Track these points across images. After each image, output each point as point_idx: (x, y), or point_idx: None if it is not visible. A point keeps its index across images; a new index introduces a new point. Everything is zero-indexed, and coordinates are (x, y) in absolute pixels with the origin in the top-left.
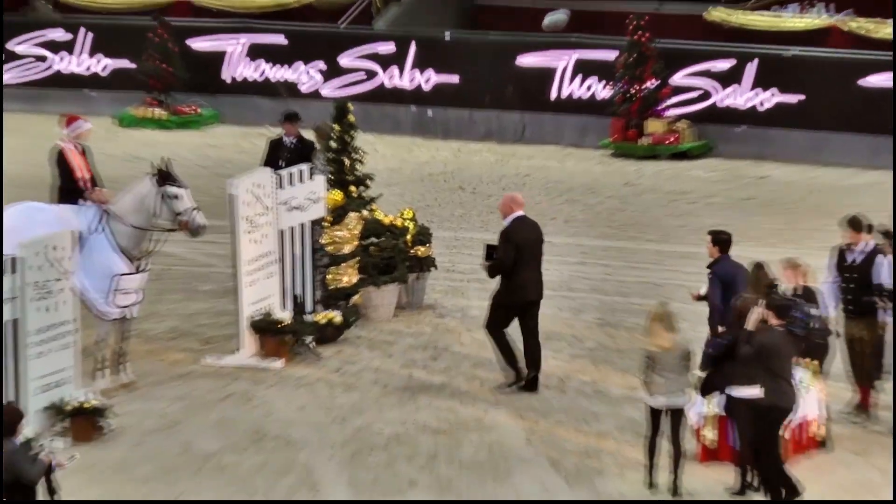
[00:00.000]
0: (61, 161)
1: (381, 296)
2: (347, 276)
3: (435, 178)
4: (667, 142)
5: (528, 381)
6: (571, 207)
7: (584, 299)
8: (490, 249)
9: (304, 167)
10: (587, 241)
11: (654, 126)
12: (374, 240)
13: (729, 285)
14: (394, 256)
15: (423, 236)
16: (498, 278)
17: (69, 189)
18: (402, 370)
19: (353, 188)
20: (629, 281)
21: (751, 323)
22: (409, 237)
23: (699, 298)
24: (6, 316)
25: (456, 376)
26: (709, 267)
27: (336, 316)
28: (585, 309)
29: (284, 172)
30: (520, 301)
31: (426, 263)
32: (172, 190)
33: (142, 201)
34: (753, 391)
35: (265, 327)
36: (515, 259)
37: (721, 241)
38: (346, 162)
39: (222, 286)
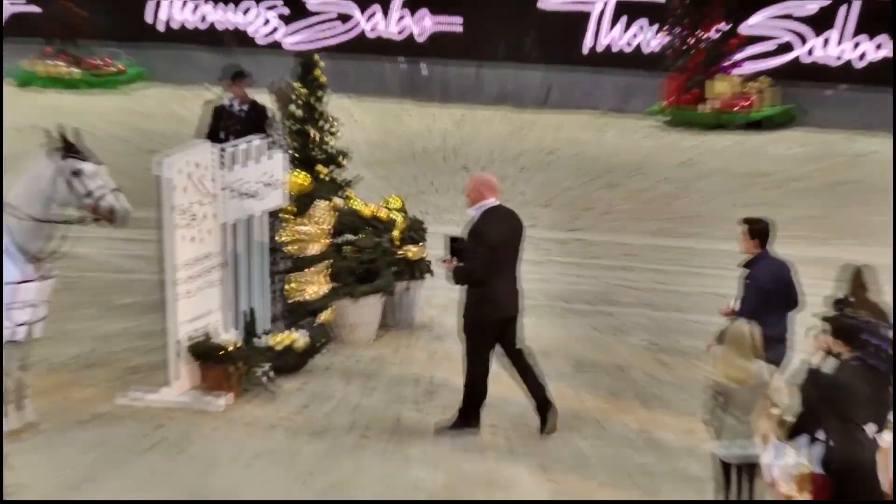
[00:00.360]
0: None
1: (360, 312)
2: (314, 285)
3: (431, 155)
4: (737, 107)
5: (544, 418)
6: (611, 194)
7: (628, 316)
8: (455, 243)
9: (258, 141)
10: (632, 238)
11: (720, 87)
12: (349, 237)
13: (770, 293)
14: (376, 259)
15: (416, 233)
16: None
17: None
18: (388, 410)
19: (322, 168)
20: (687, 291)
21: (814, 353)
22: (396, 234)
23: (732, 314)
24: None
25: None
26: (744, 267)
27: (299, 338)
28: (630, 329)
29: (232, 148)
30: (496, 318)
31: (419, 269)
32: (79, 164)
33: (38, 183)
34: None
35: (205, 353)
36: (491, 262)
37: (760, 231)
38: (314, 134)
39: (149, 299)
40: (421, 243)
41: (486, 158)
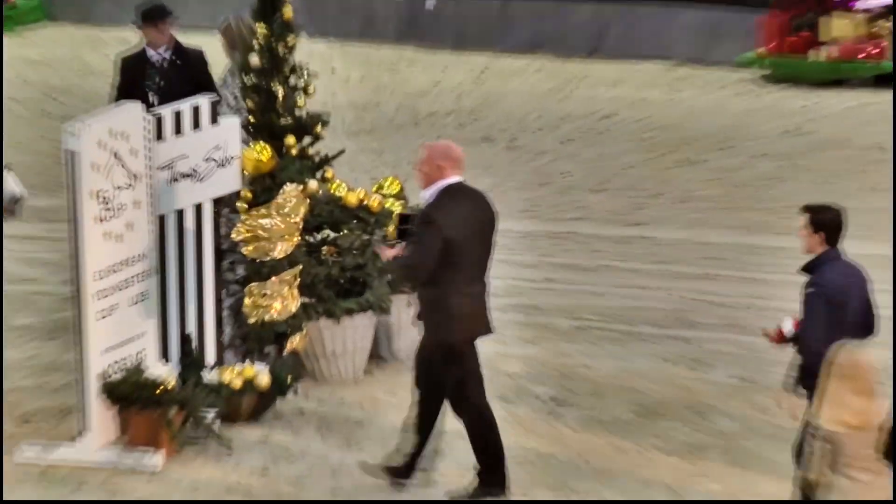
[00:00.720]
0: None
1: (343, 337)
2: (280, 299)
3: (440, 121)
4: (862, 55)
5: (482, 479)
6: (690, 174)
7: (710, 342)
8: (406, 224)
9: (203, 101)
10: (717, 236)
11: (839, 28)
12: (329, 234)
13: (839, 308)
14: (365, 265)
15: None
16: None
17: None
18: (380, 474)
19: (290, 140)
20: (793, 309)
21: None
22: (392, 229)
23: (781, 340)
24: None
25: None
26: (806, 271)
27: (259, 374)
28: (713, 360)
29: (165, 112)
30: (461, 338)
31: None
32: None
33: None
34: None
35: (131, 394)
36: (446, 261)
37: (828, 223)
38: (279, 92)
39: (52, 319)
40: None
41: (515, 125)
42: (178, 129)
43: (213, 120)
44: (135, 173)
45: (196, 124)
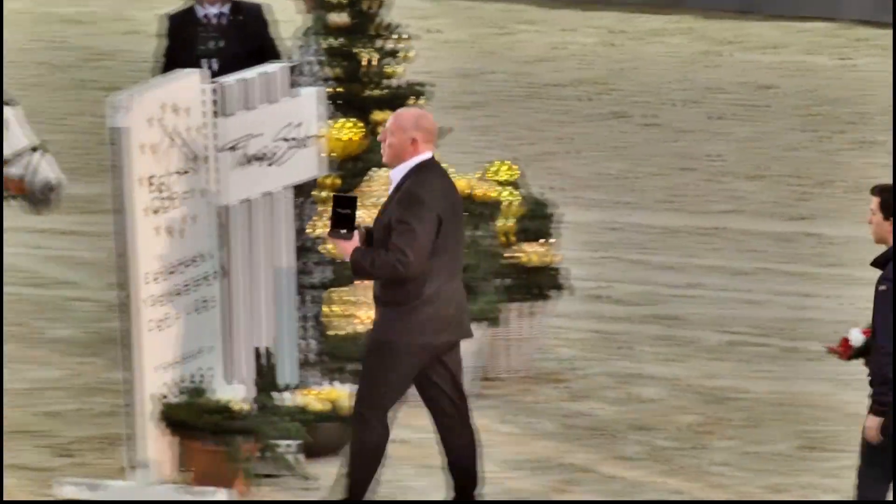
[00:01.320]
0: None
1: None
2: (367, 308)
3: (560, 92)
4: None
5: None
6: (865, 158)
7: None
8: (342, 207)
9: (276, 68)
10: None
11: None
12: None
13: None
14: (472, 266)
15: (540, 222)
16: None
17: None
18: None
19: (382, 115)
20: None
21: None
22: (506, 223)
23: (850, 353)
24: None
25: None
26: (876, 265)
27: (345, 396)
28: None
29: (230, 82)
30: (435, 342)
31: (545, 282)
32: None
33: None
34: None
35: (192, 420)
36: (429, 251)
37: None
38: (368, 58)
39: (95, 330)
40: (547, 240)
41: (653, 98)
42: (246, 103)
43: (290, 91)
44: (194, 156)
45: (268, 97)
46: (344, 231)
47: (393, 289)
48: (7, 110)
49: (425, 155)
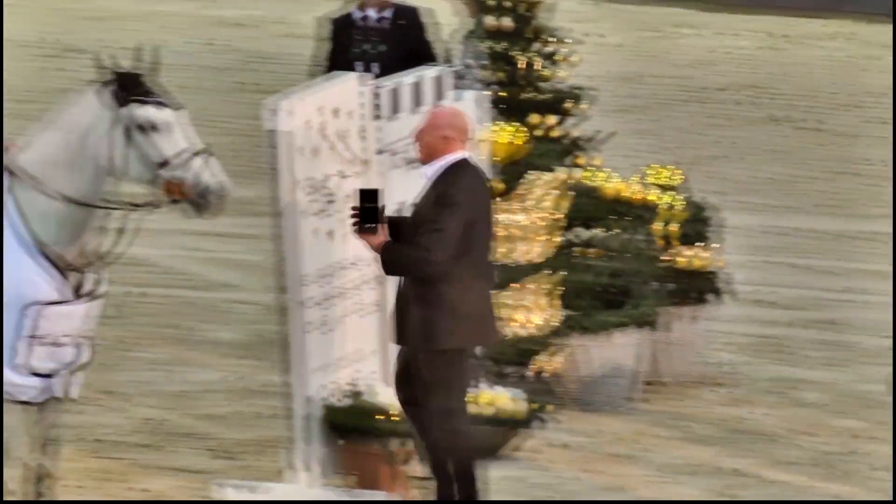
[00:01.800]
0: None
1: (604, 356)
2: (528, 311)
3: (716, 96)
4: None
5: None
6: None
7: None
8: (369, 200)
9: (435, 72)
10: None
11: None
12: (584, 232)
13: None
14: (633, 270)
15: (699, 226)
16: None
17: None
18: None
19: (540, 118)
20: None
21: None
22: (665, 227)
23: None
24: None
25: None
26: None
27: (506, 400)
28: None
29: (388, 85)
30: (460, 344)
31: (706, 286)
32: (148, 113)
33: (82, 142)
34: None
35: (353, 424)
36: (459, 251)
37: None
38: (527, 61)
39: (254, 332)
40: (707, 244)
41: (813, 102)
42: (406, 106)
43: (449, 95)
44: (352, 159)
45: (429, 100)
46: (371, 226)
47: (422, 288)
48: (170, 113)
49: (459, 154)
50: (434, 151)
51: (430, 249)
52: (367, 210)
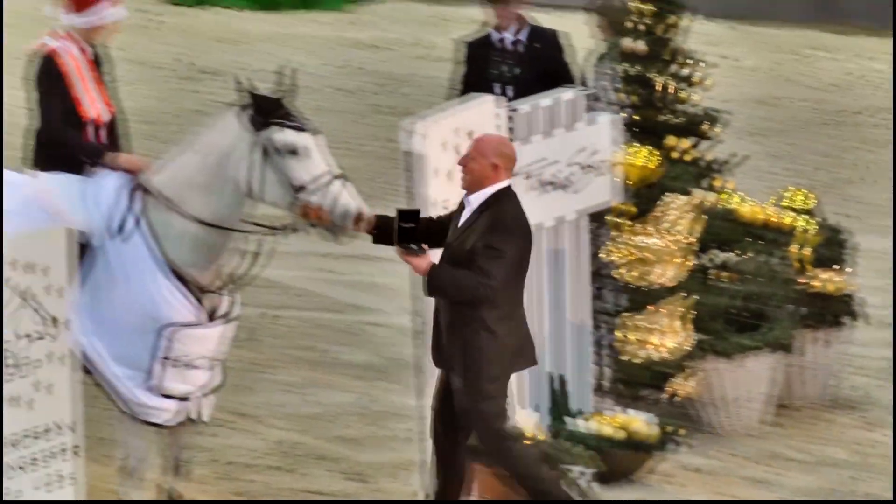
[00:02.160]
0: (51, 80)
1: (738, 379)
2: (662, 334)
3: (858, 119)
4: None
5: None
6: None
7: None
8: (406, 221)
9: (571, 94)
10: None
11: None
12: (719, 255)
13: None
14: (767, 293)
15: (833, 249)
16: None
17: (63, 140)
18: None
19: (677, 141)
20: None
21: None
22: (801, 250)
23: None
24: None
25: None
26: None
27: (639, 422)
28: None
29: (524, 108)
30: (507, 371)
31: (840, 309)
32: (287, 137)
33: (220, 165)
34: None
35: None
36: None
37: None
38: (664, 84)
39: (389, 355)
40: (841, 267)
41: None
42: (541, 129)
43: (585, 117)
44: None
45: (564, 123)
46: (415, 246)
47: (464, 312)
48: (309, 137)
49: (504, 182)
50: (483, 179)
51: (491, 275)
52: (405, 231)
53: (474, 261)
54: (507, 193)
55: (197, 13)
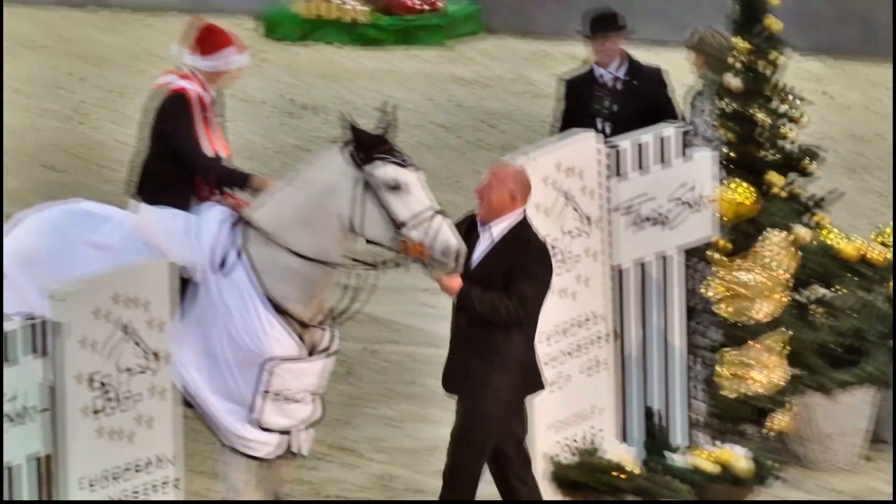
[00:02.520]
0: (177, 116)
1: (837, 415)
2: (762, 370)
3: None
4: None
5: None
6: None
7: None
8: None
9: (671, 130)
10: None
11: None
12: (819, 291)
13: None
14: (864, 329)
15: None
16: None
17: (211, 166)
18: None
19: (775, 177)
20: None
21: None
22: None
23: None
24: (7, 458)
25: None
26: None
27: (737, 457)
28: None
29: (625, 144)
30: (524, 395)
31: None
32: (389, 173)
33: (322, 200)
34: None
35: (584, 480)
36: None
37: None
38: (762, 120)
39: None
40: None
41: None
42: (640, 164)
43: (683, 153)
44: (588, 217)
45: (663, 158)
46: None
47: (485, 335)
48: (410, 173)
49: (521, 211)
50: (501, 208)
51: (527, 299)
52: None
53: (510, 284)
54: (527, 222)
55: (298, 50)
